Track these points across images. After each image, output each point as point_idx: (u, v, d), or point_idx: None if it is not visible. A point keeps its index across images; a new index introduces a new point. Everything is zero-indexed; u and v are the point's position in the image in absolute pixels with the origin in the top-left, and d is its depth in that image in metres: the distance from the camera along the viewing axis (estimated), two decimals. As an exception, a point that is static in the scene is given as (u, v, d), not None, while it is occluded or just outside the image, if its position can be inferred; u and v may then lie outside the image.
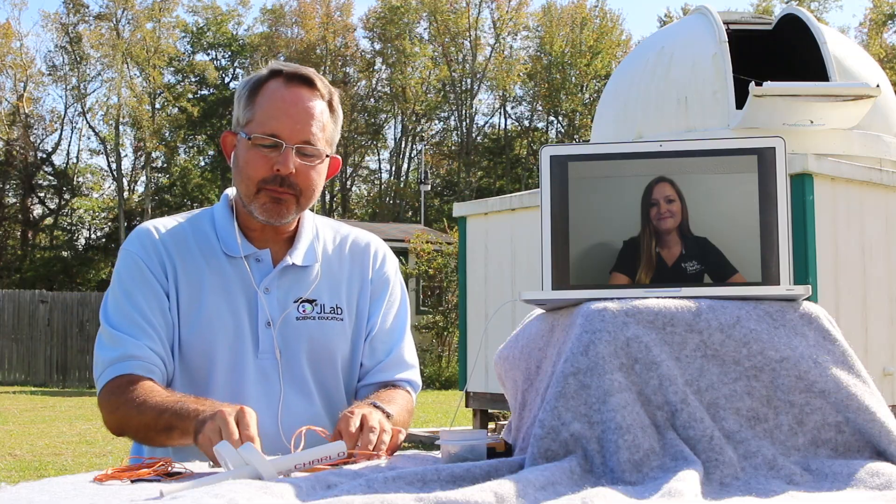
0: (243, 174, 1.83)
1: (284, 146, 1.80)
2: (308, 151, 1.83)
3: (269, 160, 1.80)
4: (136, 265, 1.85)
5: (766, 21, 9.14)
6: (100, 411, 1.84)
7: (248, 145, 1.82)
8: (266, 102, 1.83)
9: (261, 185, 1.82)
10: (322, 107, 1.86)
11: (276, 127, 1.80)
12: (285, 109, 1.81)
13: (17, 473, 7.36)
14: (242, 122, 1.85)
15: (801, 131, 7.45)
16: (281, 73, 1.85)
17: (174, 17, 38.10)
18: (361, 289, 1.98)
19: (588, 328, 1.30)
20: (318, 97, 1.86)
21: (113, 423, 1.81)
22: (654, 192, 1.43)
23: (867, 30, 37.68)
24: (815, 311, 1.35)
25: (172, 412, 1.66)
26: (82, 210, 37.07)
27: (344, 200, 40.21)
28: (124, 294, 1.83)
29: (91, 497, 1.21)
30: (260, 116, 1.82)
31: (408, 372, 2.01)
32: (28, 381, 18.21)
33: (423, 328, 18.30)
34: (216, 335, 1.83)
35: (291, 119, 1.81)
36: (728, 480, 1.22)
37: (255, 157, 1.81)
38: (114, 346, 1.80)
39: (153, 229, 1.90)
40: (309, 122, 1.82)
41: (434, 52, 38.73)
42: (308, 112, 1.83)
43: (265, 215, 1.84)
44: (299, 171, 1.82)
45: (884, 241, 7.31)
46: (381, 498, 1.06)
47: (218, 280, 1.85)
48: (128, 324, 1.81)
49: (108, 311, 1.84)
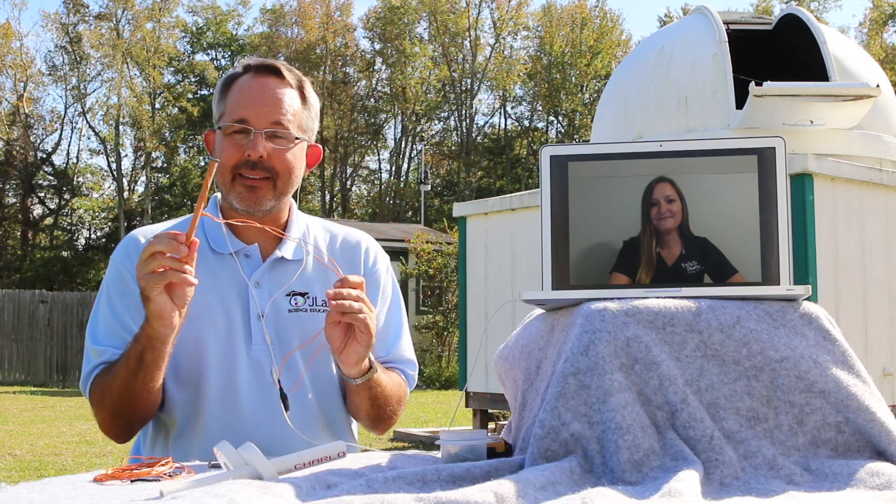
0: (221, 165, 1.88)
1: (253, 132, 1.84)
2: (279, 134, 1.87)
3: (240, 146, 1.85)
4: (121, 277, 1.90)
5: (766, 21, 9.14)
6: (97, 418, 1.88)
7: (221, 136, 1.88)
8: (235, 94, 1.89)
9: (234, 172, 1.86)
10: (292, 94, 1.91)
11: (243, 113, 1.86)
12: (251, 97, 1.87)
13: (17, 473, 7.36)
14: (217, 117, 1.92)
15: (801, 131, 7.45)
16: (250, 67, 1.92)
17: (174, 17, 38.13)
18: None
19: (588, 328, 1.30)
20: (285, 85, 1.91)
21: (104, 419, 1.86)
22: (654, 192, 1.43)
23: (867, 30, 37.68)
24: (815, 311, 1.35)
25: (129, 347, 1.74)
26: (82, 210, 37.08)
27: (344, 200, 40.21)
28: (110, 310, 1.89)
29: (91, 497, 1.21)
30: (230, 107, 1.88)
31: (406, 366, 2.03)
32: (28, 381, 18.21)
33: (423, 328, 18.29)
34: (207, 330, 1.85)
35: (258, 104, 1.86)
36: (728, 480, 1.22)
37: (227, 145, 1.87)
38: (94, 358, 1.86)
39: (139, 236, 1.95)
40: (277, 106, 1.87)
41: (434, 52, 38.74)
42: (275, 97, 1.88)
43: (243, 203, 1.87)
44: (272, 155, 1.85)
45: (884, 241, 7.31)
46: (381, 498, 1.06)
47: (206, 277, 1.86)
48: (114, 340, 1.85)
49: (95, 328, 1.90)
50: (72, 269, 33.24)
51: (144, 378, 1.74)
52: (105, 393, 1.82)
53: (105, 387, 1.81)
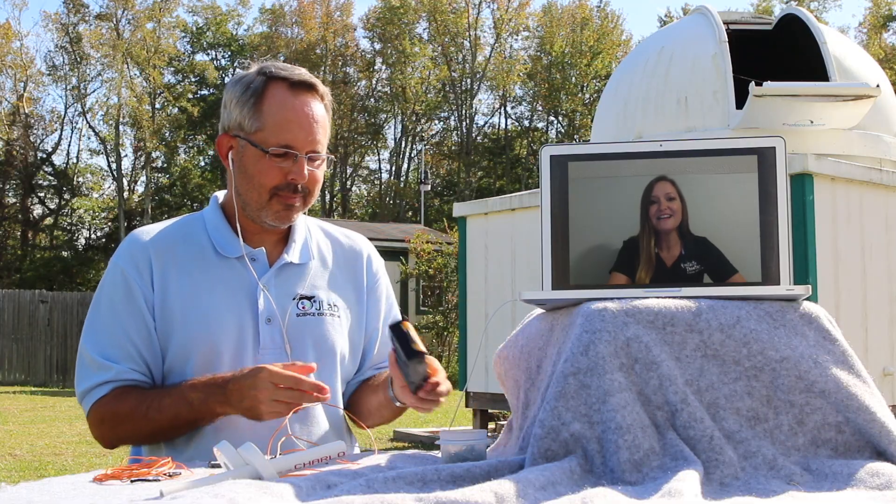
0: (255, 182, 1.86)
1: (298, 156, 1.84)
2: (316, 157, 1.88)
3: (282, 169, 1.84)
4: (122, 280, 1.87)
5: (766, 21, 9.14)
6: (90, 429, 1.88)
7: (258, 154, 1.85)
8: (276, 112, 1.85)
9: (273, 192, 1.86)
10: (323, 110, 1.91)
11: (289, 138, 1.84)
12: (297, 120, 1.85)
13: (17, 473, 7.36)
14: (249, 130, 1.86)
15: (801, 131, 7.45)
16: (281, 78, 1.87)
17: (174, 17, 38.13)
18: (356, 290, 2.02)
19: (588, 328, 1.30)
20: (319, 100, 1.90)
21: (111, 438, 1.87)
22: (654, 190, 1.43)
23: (867, 30, 37.67)
24: (815, 311, 1.35)
25: (185, 406, 1.77)
26: (82, 210, 37.08)
27: (344, 200, 40.22)
28: (115, 321, 1.86)
29: (91, 497, 1.21)
30: (272, 126, 1.85)
31: None
32: (28, 381, 18.20)
33: (423, 328, 18.29)
34: (220, 332, 1.85)
35: (303, 129, 1.85)
36: (728, 480, 1.22)
37: (268, 166, 1.85)
38: (98, 372, 1.83)
39: (141, 236, 1.93)
40: (316, 129, 1.87)
41: (434, 52, 38.73)
42: (315, 119, 1.87)
43: (277, 221, 1.88)
44: (309, 177, 1.87)
45: (884, 241, 7.31)
46: (381, 498, 1.06)
47: (213, 280, 1.86)
48: (120, 353, 1.84)
49: (97, 337, 1.86)
50: (72, 269, 33.24)
51: (186, 431, 1.82)
52: (124, 424, 1.82)
53: (125, 420, 1.81)
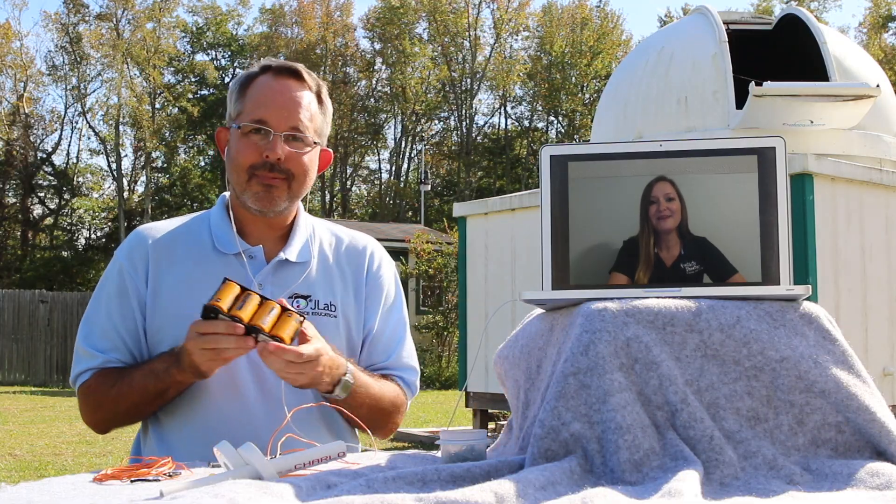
0: (234, 163, 1.89)
1: (273, 133, 1.85)
2: (297, 137, 1.88)
3: (258, 147, 1.86)
4: (118, 274, 1.93)
5: (766, 21, 9.14)
6: (82, 417, 1.96)
7: (238, 135, 1.88)
8: (255, 93, 1.89)
9: (251, 172, 1.86)
10: (310, 97, 1.91)
11: (263, 114, 1.86)
12: (273, 98, 1.87)
13: (17, 473, 7.37)
14: (234, 115, 1.92)
15: (801, 131, 7.45)
16: (270, 67, 1.92)
17: (174, 17, 38.12)
18: (356, 290, 2.00)
19: (588, 328, 1.30)
20: (305, 88, 1.91)
21: (96, 421, 1.94)
22: (654, 191, 1.43)
23: (867, 30, 37.66)
24: (815, 311, 1.35)
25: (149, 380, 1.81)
26: (82, 210, 37.07)
27: (344, 200, 40.21)
28: (105, 311, 1.92)
29: (91, 497, 1.21)
30: (249, 107, 1.88)
31: (405, 373, 2.03)
32: (28, 381, 18.20)
33: (423, 328, 18.29)
34: None
35: (279, 107, 1.87)
36: (728, 480, 1.22)
37: (244, 144, 1.87)
38: (86, 360, 1.90)
39: (144, 232, 1.97)
40: (296, 110, 1.88)
41: (434, 52, 38.72)
42: (295, 101, 1.88)
43: (258, 203, 1.88)
44: (289, 157, 1.86)
45: (884, 241, 7.31)
46: (381, 498, 1.06)
47: (208, 276, 1.87)
48: (105, 343, 1.90)
49: (90, 327, 1.93)
50: (72, 269, 33.23)
51: (158, 404, 1.86)
52: (104, 403, 1.88)
53: (105, 398, 1.87)
